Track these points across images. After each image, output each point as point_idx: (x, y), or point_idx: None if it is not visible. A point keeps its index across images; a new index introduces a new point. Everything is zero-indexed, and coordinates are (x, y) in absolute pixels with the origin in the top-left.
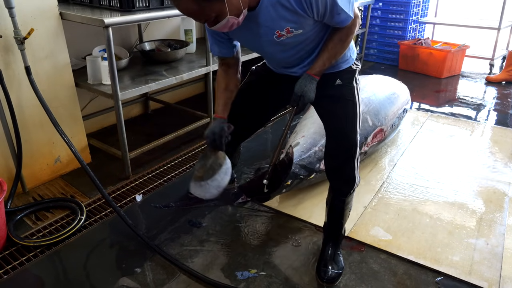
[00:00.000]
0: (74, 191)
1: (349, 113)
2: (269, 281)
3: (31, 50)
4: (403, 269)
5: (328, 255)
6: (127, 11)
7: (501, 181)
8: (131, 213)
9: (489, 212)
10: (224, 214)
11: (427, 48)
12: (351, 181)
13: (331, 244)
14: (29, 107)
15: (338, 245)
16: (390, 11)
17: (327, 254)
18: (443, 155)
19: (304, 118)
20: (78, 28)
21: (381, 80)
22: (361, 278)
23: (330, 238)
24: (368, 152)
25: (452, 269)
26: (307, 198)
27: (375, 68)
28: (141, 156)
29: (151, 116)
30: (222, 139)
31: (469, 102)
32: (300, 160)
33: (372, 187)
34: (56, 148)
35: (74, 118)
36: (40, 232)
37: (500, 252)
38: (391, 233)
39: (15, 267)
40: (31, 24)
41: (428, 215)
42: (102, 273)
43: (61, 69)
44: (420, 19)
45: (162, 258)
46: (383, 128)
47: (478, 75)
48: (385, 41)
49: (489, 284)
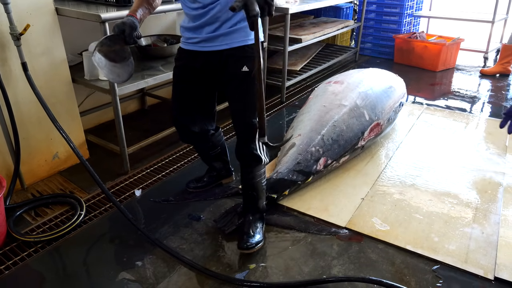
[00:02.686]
0: (72, 187)
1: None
2: (269, 272)
3: (27, 46)
4: (401, 259)
5: (245, 226)
6: (123, 6)
7: (496, 171)
8: (131, 208)
9: (484, 202)
10: (223, 207)
11: (422, 41)
12: (255, 156)
13: (250, 215)
14: (26, 104)
15: (255, 217)
16: (385, 5)
17: (245, 225)
18: (439, 147)
19: (301, 112)
20: (73, 24)
21: (378, 73)
22: (359, 268)
23: (246, 209)
24: (365, 146)
25: (448, 258)
26: (306, 190)
27: (370, 62)
28: (139, 151)
29: (148, 112)
30: (132, 31)
31: (463, 95)
32: (296, 165)
33: (369, 179)
34: (54, 144)
35: (71, 114)
36: (40, 228)
37: (495, 240)
38: (389, 224)
39: (16, 262)
40: (27, 20)
41: (425, 205)
42: (103, 267)
43: (58, 65)
44: (415, 12)
45: (162, 252)
46: (380, 122)
47: (472, 68)
48: (380, 35)
49: (485, 271)
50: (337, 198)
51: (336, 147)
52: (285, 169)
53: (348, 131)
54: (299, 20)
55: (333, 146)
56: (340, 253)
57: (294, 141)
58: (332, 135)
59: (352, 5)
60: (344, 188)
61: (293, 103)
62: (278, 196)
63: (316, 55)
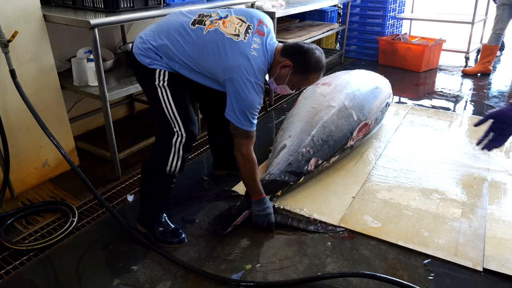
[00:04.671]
0: (63, 194)
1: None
2: (265, 271)
3: (15, 53)
4: (393, 254)
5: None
6: (112, 11)
7: (481, 167)
8: (124, 213)
9: (470, 197)
10: (216, 210)
11: (406, 43)
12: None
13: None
14: (15, 111)
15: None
16: (369, 7)
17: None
18: (425, 145)
19: (290, 114)
20: (60, 31)
21: (364, 75)
22: (353, 265)
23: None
24: (354, 146)
25: (439, 252)
26: (298, 191)
27: (355, 64)
28: (130, 156)
29: (137, 117)
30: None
31: (447, 94)
32: (288, 166)
33: (359, 178)
34: (44, 151)
35: (60, 121)
36: (32, 236)
37: (483, 233)
38: (380, 221)
39: (8, 271)
40: (14, 26)
41: (413, 202)
42: (99, 273)
43: (46, 71)
44: (397, 15)
45: (157, 255)
46: (368, 122)
47: (454, 68)
48: (364, 37)
49: (474, 263)
50: (328, 198)
51: (326, 147)
52: (277, 170)
53: (338, 132)
54: (285, 24)
55: (323, 147)
56: (334, 250)
57: (285, 143)
58: (322, 136)
59: (336, 8)
60: (335, 188)
61: (281, 106)
62: (271, 197)
63: None
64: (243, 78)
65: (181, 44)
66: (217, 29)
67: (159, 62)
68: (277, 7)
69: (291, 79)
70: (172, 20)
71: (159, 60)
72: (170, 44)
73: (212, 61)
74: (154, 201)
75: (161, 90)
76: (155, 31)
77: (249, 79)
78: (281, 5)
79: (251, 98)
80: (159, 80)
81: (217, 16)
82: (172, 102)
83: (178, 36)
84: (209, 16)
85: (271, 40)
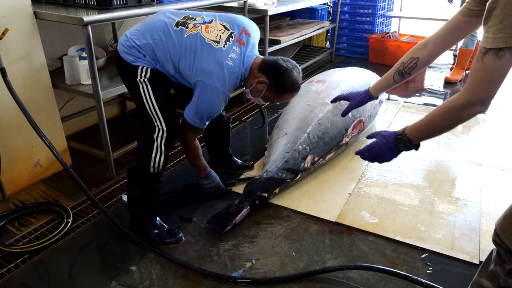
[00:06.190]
0: (57, 194)
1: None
2: (265, 269)
3: (5, 51)
4: (391, 249)
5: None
6: (104, 9)
7: (473, 162)
8: (119, 213)
9: (464, 192)
10: (214, 208)
11: (395, 41)
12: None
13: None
14: (5, 111)
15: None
16: (359, 6)
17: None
18: None
19: (285, 112)
20: (51, 28)
21: (357, 72)
22: (352, 260)
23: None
24: (349, 143)
25: (436, 246)
26: (295, 188)
27: (346, 62)
28: (123, 156)
29: (129, 116)
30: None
31: (436, 91)
32: (285, 163)
33: (354, 175)
34: (35, 152)
35: (52, 120)
36: (26, 238)
37: (478, 227)
38: (377, 216)
39: (3, 274)
40: (4, 24)
41: (409, 197)
42: (96, 275)
43: (37, 70)
44: (387, 13)
45: (156, 255)
46: (362, 119)
47: (443, 66)
48: (354, 35)
49: (470, 256)
50: (325, 194)
51: (322, 144)
52: (274, 167)
53: (333, 129)
54: (276, 22)
55: (319, 144)
56: (333, 246)
57: (281, 140)
58: (317, 133)
59: (326, 6)
60: (331, 184)
61: (274, 104)
62: (269, 195)
63: (293, 57)
64: (212, 84)
65: (163, 44)
66: (199, 33)
67: (142, 60)
68: (269, 4)
69: (265, 95)
70: (157, 20)
71: (142, 58)
72: (153, 43)
73: (188, 63)
74: (143, 204)
75: (142, 86)
76: (139, 30)
77: (217, 87)
78: (273, 3)
79: (213, 106)
80: (141, 76)
81: (201, 20)
82: (153, 98)
83: (162, 36)
84: (193, 19)
85: (251, 51)
